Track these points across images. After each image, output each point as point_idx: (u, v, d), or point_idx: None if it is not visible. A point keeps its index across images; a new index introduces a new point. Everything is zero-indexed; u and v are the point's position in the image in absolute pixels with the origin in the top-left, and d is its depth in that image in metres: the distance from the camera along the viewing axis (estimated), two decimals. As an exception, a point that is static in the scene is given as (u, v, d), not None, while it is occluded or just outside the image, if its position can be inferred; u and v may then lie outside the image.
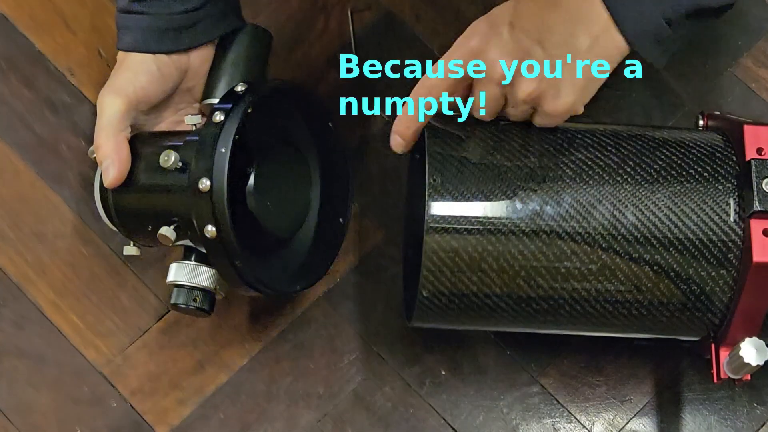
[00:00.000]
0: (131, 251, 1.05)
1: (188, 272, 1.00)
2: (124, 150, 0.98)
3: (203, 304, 1.00)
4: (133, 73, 0.99)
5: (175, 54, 1.00)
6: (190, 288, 1.00)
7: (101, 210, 1.03)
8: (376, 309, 1.12)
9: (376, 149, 1.16)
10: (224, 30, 1.02)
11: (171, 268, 1.01)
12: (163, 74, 1.00)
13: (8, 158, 1.16)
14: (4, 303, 1.12)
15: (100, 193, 1.02)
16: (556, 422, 1.09)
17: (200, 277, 1.00)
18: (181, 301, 1.00)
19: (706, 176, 0.95)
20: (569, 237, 0.92)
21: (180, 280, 1.00)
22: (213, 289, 1.00)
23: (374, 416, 1.09)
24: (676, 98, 1.18)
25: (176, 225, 0.97)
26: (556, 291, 0.94)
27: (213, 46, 1.03)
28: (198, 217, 0.94)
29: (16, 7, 1.21)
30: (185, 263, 1.00)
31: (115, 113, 0.98)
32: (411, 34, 1.19)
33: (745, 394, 1.10)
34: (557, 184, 0.93)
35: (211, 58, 1.03)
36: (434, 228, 0.92)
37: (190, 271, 1.00)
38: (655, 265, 0.93)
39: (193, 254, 1.01)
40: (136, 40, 0.99)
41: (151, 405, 1.10)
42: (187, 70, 1.02)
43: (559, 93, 0.91)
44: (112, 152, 0.97)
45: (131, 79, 0.99)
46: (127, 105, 0.99)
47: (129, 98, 0.99)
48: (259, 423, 1.09)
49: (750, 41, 1.21)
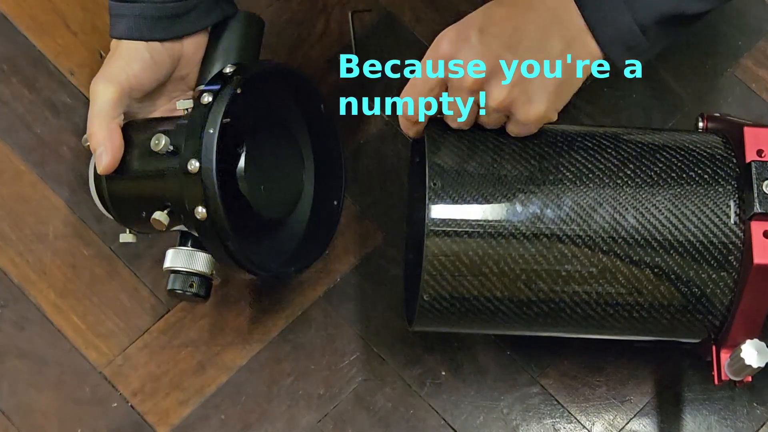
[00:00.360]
0: (127, 238, 1.05)
1: (184, 258, 1.00)
2: (117, 137, 0.98)
3: (200, 289, 1.00)
4: (126, 61, 0.99)
5: (168, 42, 1.00)
6: (187, 273, 1.00)
7: (96, 198, 1.03)
8: (376, 310, 1.12)
9: (376, 149, 1.16)
10: (217, 18, 1.02)
11: (167, 254, 1.01)
12: (156, 62, 1.00)
13: (9, 159, 1.16)
14: (5, 304, 1.12)
15: (94, 181, 1.02)
16: (557, 422, 1.09)
17: (196, 263, 1.00)
18: (178, 287, 1.00)
19: (707, 178, 0.95)
20: (570, 240, 0.92)
21: (176, 266, 1.00)
22: (209, 274, 1.00)
23: (375, 417, 1.09)
24: (676, 99, 1.18)
25: (169, 210, 0.96)
26: (557, 294, 0.94)
27: (206, 33, 1.03)
28: (188, 199, 0.93)
29: (17, 8, 1.21)
30: (181, 249, 1.00)
31: (108, 101, 0.98)
32: (411, 35, 1.19)
33: (745, 394, 1.10)
34: (557, 187, 0.93)
35: (205, 46, 1.03)
36: (435, 231, 0.92)
37: (186, 256, 1.00)
38: (655, 268, 0.93)
39: (189, 240, 1.01)
40: (129, 28, 0.99)
41: (151, 405, 1.10)
42: (180, 57, 1.02)
43: (531, 100, 0.90)
44: (104, 139, 0.97)
45: (124, 67, 0.99)
46: (120, 92, 0.99)
47: (122, 86, 0.99)
48: (260, 423, 1.09)
49: (750, 41, 1.21)
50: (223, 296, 1.12)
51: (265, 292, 1.12)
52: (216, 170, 0.92)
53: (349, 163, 1.14)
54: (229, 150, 0.96)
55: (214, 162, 0.92)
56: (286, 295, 1.12)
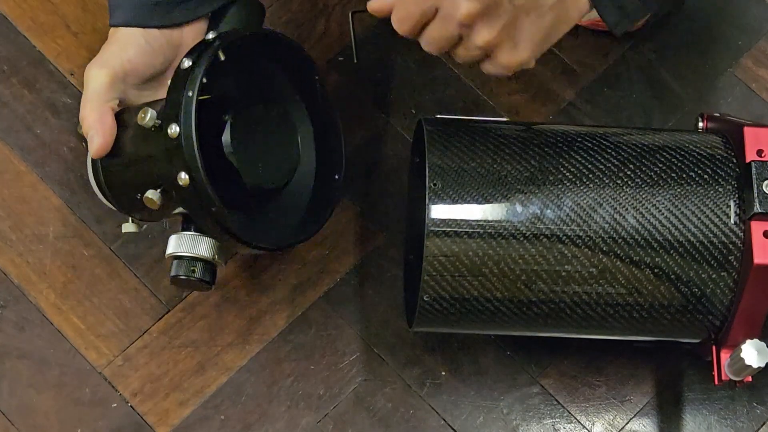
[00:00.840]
0: (130, 228, 1.04)
1: (187, 242, 0.99)
2: (109, 120, 0.97)
3: (204, 275, 0.99)
4: (120, 46, 0.99)
5: (167, 29, 1.00)
6: (190, 259, 0.99)
7: (95, 186, 1.02)
8: (376, 310, 1.12)
9: (376, 149, 1.17)
10: (216, 5, 1.02)
11: (170, 240, 1.00)
12: (152, 48, 1.00)
13: (9, 160, 1.16)
14: (5, 305, 1.12)
15: (92, 169, 1.01)
16: (556, 423, 1.09)
17: (200, 247, 0.98)
18: (182, 273, 0.99)
19: (706, 178, 0.95)
20: (570, 240, 0.92)
21: (179, 251, 0.99)
22: (213, 259, 0.99)
23: (375, 417, 1.09)
24: (676, 98, 1.18)
25: (162, 188, 0.95)
26: (557, 295, 0.94)
27: (206, 20, 1.03)
28: (171, 166, 0.91)
29: (17, 9, 1.21)
30: (184, 234, 0.99)
31: (100, 85, 0.98)
32: (411, 35, 1.19)
33: (745, 394, 1.10)
34: (557, 188, 0.93)
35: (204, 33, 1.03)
36: (435, 232, 0.92)
37: (190, 241, 0.99)
38: (655, 268, 0.93)
39: (191, 225, 0.99)
40: (127, 16, 0.99)
41: (151, 406, 1.10)
42: (180, 45, 1.01)
43: (516, 47, 0.90)
44: (95, 122, 0.97)
45: (118, 52, 0.99)
46: (113, 77, 0.98)
47: (115, 70, 0.99)
48: (260, 424, 1.09)
49: (750, 41, 1.21)
50: (223, 296, 1.12)
51: (265, 292, 1.13)
52: (196, 133, 0.90)
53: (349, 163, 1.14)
54: (214, 118, 0.94)
55: (193, 124, 0.90)
56: (286, 295, 1.13)
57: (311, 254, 1.14)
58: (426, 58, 1.18)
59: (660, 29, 1.21)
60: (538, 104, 1.18)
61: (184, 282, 1.00)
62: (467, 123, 0.99)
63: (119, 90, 0.99)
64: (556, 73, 1.20)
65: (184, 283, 1.00)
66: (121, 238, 1.13)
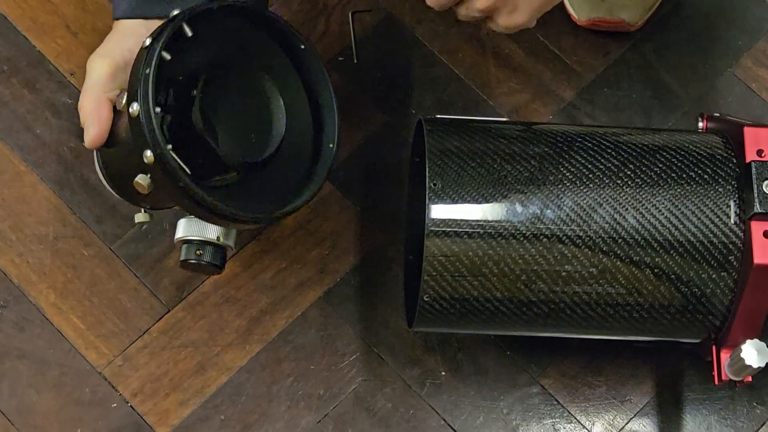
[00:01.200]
0: (141, 218, 1.03)
1: (196, 226, 0.98)
2: (105, 109, 0.97)
3: (214, 258, 0.99)
4: (122, 37, 0.99)
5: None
6: (200, 243, 0.98)
7: (102, 177, 1.02)
8: (376, 310, 1.12)
9: (376, 149, 1.17)
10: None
11: (179, 224, 0.99)
12: None
13: (9, 160, 1.16)
14: (6, 305, 1.12)
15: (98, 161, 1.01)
16: (556, 422, 1.09)
17: (209, 231, 0.98)
18: (192, 257, 0.98)
19: (706, 179, 0.95)
20: (570, 240, 0.93)
21: (188, 236, 0.98)
22: (221, 242, 0.98)
23: (375, 417, 1.09)
24: (676, 99, 1.19)
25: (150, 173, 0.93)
26: (557, 295, 0.94)
27: None
28: (138, 145, 0.90)
29: (17, 9, 1.21)
30: (193, 218, 0.98)
31: (100, 75, 0.98)
32: (411, 36, 1.19)
33: (745, 394, 1.10)
34: (557, 188, 0.93)
35: None
36: (435, 232, 0.92)
37: (199, 224, 0.98)
38: (655, 268, 0.93)
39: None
40: (129, 8, 1.00)
41: (151, 406, 1.10)
42: None
43: (516, 10, 0.95)
44: (91, 112, 0.97)
45: (119, 42, 0.99)
46: (113, 67, 0.98)
47: (115, 60, 0.99)
48: (260, 424, 1.09)
49: (750, 41, 1.21)
50: (223, 296, 1.12)
51: (265, 292, 1.13)
52: (153, 109, 0.89)
53: (349, 163, 1.14)
54: (182, 91, 0.93)
55: (150, 100, 0.89)
56: (286, 295, 1.13)
57: (311, 254, 1.14)
58: (426, 58, 1.18)
59: (660, 29, 1.21)
60: (538, 104, 1.18)
61: (193, 266, 0.99)
62: (467, 123, 0.99)
63: (120, 80, 0.99)
64: (556, 73, 1.20)
65: (194, 267, 0.99)
66: (121, 238, 1.13)
